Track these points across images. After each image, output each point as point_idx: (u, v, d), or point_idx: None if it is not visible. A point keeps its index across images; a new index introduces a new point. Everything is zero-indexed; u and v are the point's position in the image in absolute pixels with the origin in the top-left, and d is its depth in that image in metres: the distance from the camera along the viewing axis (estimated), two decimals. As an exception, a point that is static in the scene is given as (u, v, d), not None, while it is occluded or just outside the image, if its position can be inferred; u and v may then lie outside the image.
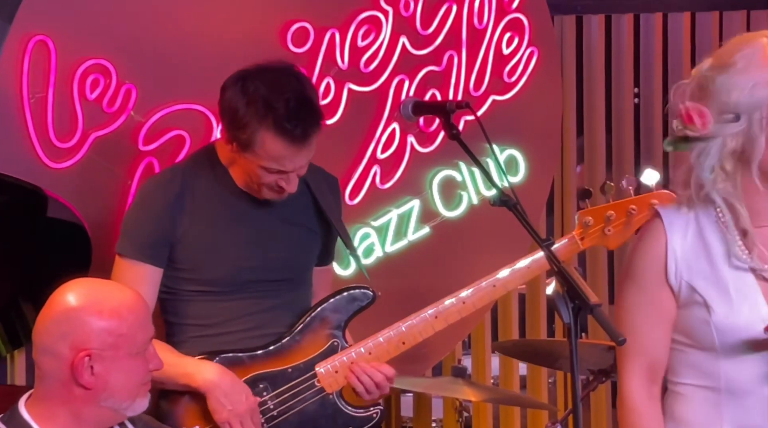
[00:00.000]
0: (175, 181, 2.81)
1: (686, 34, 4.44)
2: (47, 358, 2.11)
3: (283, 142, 2.68)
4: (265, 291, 2.82)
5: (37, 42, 3.08)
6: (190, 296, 2.80)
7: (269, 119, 2.67)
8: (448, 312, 2.86)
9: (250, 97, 2.69)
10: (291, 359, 2.79)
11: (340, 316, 2.83)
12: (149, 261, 2.76)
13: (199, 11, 3.35)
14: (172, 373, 2.66)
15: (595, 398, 4.31)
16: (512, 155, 3.93)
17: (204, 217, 2.80)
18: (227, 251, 2.80)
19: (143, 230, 2.78)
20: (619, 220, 2.87)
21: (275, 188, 2.75)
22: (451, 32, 3.78)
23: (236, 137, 2.72)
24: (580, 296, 2.07)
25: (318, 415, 2.78)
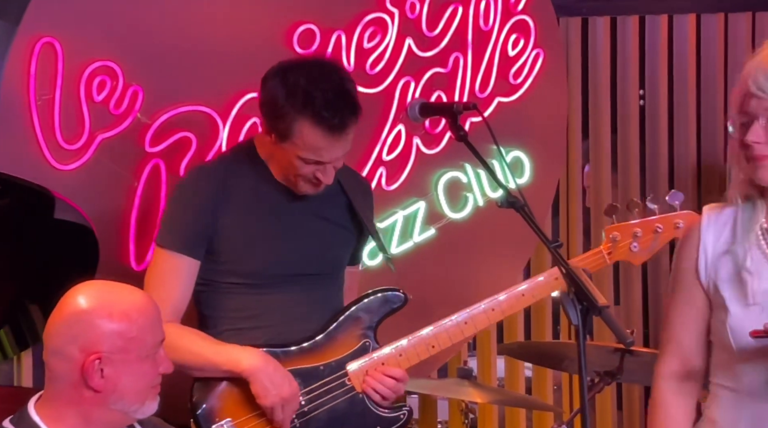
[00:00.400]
0: (216, 174, 2.85)
1: (691, 36, 4.44)
2: (57, 360, 2.12)
3: (321, 131, 2.71)
4: (300, 286, 2.85)
5: (44, 44, 3.09)
6: (227, 289, 2.83)
7: (308, 109, 2.70)
8: (479, 319, 2.91)
9: (290, 87, 2.73)
10: (323, 357, 2.82)
11: (372, 317, 2.87)
12: (188, 253, 2.79)
13: (206, 13, 3.36)
14: (215, 359, 2.72)
15: (601, 400, 4.31)
16: (518, 156, 3.93)
17: (243, 210, 2.83)
18: (265, 244, 2.84)
19: (183, 223, 2.81)
20: (646, 237, 2.94)
21: (312, 180, 2.78)
22: (457, 34, 3.79)
23: (275, 127, 2.76)
24: (588, 297, 2.08)
25: (347, 413, 2.81)
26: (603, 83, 4.33)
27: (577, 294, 2.09)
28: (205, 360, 2.73)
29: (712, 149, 4.47)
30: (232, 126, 3.37)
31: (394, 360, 2.83)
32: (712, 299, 2.26)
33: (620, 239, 2.97)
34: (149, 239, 3.28)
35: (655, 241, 2.97)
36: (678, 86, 4.45)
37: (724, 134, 4.48)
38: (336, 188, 2.89)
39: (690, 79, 4.44)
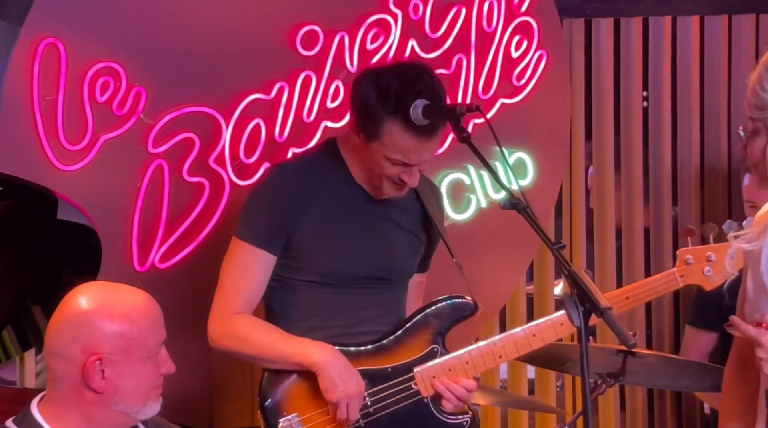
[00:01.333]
0: (299, 172, 2.89)
1: (695, 38, 4.43)
2: (59, 361, 2.12)
3: (411, 134, 2.75)
4: (370, 289, 2.88)
5: (48, 45, 3.10)
6: (299, 286, 2.86)
7: (398, 111, 2.75)
8: (547, 332, 2.95)
9: (383, 89, 2.78)
10: (392, 359, 2.85)
11: (442, 323, 2.90)
12: (266, 248, 2.83)
13: (209, 14, 3.36)
14: (286, 351, 2.78)
15: (604, 401, 4.30)
16: (521, 158, 3.93)
17: (322, 210, 2.86)
18: (341, 246, 2.87)
19: (264, 217, 2.85)
20: (720, 262, 2.95)
21: (397, 181, 2.82)
22: (460, 35, 3.78)
23: (365, 127, 2.80)
24: (591, 299, 2.08)
25: (411, 417, 2.83)
26: (606, 85, 4.32)
27: (580, 296, 2.09)
28: (276, 352, 2.78)
29: (715, 151, 4.46)
30: (235, 127, 3.37)
31: (461, 367, 2.86)
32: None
33: (694, 262, 2.98)
34: (152, 240, 3.29)
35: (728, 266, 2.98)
36: (681, 88, 4.44)
37: (727, 136, 4.48)
38: (411, 195, 2.93)
39: (693, 81, 4.43)
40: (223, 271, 2.87)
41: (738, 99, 4.48)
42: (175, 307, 2.96)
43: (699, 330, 4.00)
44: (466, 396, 2.85)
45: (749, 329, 2.17)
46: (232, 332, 2.81)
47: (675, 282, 3.00)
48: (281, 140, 3.44)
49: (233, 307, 2.82)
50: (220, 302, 2.84)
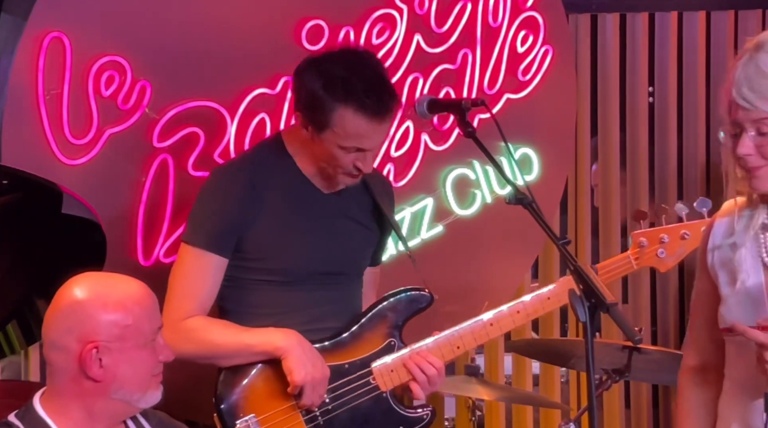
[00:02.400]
0: (245, 171, 2.84)
1: (701, 33, 4.42)
2: (56, 353, 2.12)
3: (364, 118, 2.71)
4: (324, 285, 2.85)
5: (53, 39, 3.09)
6: (252, 285, 2.83)
7: (348, 97, 2.70)
8: (504, 321, 2.91)
9: (327, 77, 2.73)
10: (348, 355, 2.82)
11: (398, 316, 2.86)
12: (216, 251, 2.78)
13: (214, 8, 3.35)
14: (249, 341, 2.73)
15: (608, 398, 4.30)
16: (526, 153, 3.92)
17: (272, 208, 2.82)
18: (292, 242, 2.83)
19: (212, 221, 2.80)
20: (673, 243, 2.94)
21: (352, 171, 2.78)
22: (466, 30, 3.78)
23: (314, 118, 2.75)
24: (596, 295, 2.07)
25: (371, 412, 2.81)
26: (612, 80, 4.31)
27: (585, 292, 2.09)
28: (237, 344, 2.74)
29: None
30: (240, 122, 3.37)
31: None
32: (716, 287, 2.29)
33: (648, 244, 2.97)
34: (157, 234, 3.29)
35: (682, 247, 2.97)
36: (687, 83, 4.44)
37: (733, 132, 4.47)
38: (361, 188, 2.90)
39: (699, 77, 4.42)
40: (172, 278, 2.81)
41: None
42: (180, 301, 2.96)
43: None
44: (435, 375, 2.80)
45: (757, 333, 2.11)
46: (186, 336, 2.73)
47: (629, 265, 2.97)
48: (286, 135, 3.43)
49: (184, 313, 2.76)
50: (170, 311, 2.74)
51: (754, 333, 2.12)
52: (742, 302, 2.22)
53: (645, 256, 2.97)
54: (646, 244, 2.97)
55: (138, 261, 3.26)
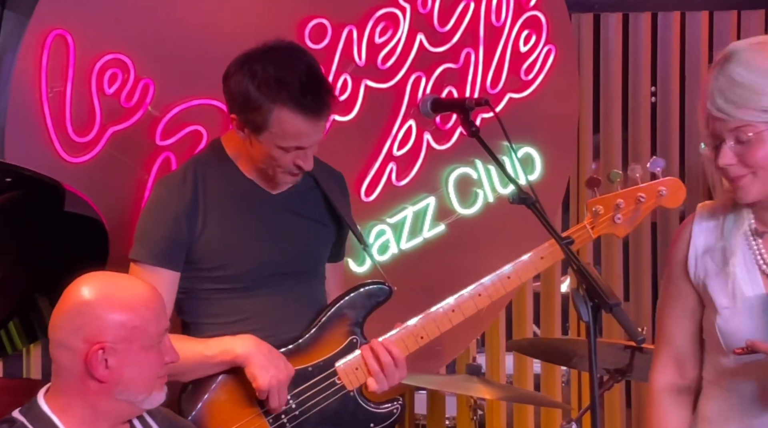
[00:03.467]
0: (186, 182, 2.77)
1: (704, 33, 4.43)
2: (62, 352, 2.12)
3: (301, 117, 2.64)
4: (281, 286, 2.80)
5: (56, 36, 3.09)
6: (207, 295, 2.78)
7: (284, 96, 2.63)
8: (465, 305, 2.85)
9: (260, 77, 2.65)
10: (311, 357, 2.78)
11: (357, 312, 2.82)
12: (166, 266, 2.73)
13: (218, 7, 3.35)
14: (206, 353, 2.67)
15: (610, 397, 4.30)
16: (528, 153, 3.92)
17: (217, 214, 2.77)
18: (243, 246, 2.78)
19: (158, 236, 2.74)
20: (629, 208, 2.89)
21: (292, 169, 2.72)
22: (469, 29, 3.78)
23: (249, 120, 2.68)
24: (600, 294, 2.07)
25: (339, 413, 2.76)
26: (614, 80, 4.31)
27: (588, 291, 2.08)
28: (195, 357, 2.66)
29: (723, 147, 4.45)
30: (242, 120, 3.36)
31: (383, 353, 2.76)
32: (702, 297, 2.26)
33: (603, 212, 2.89)
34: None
35: (637, 211, 2.90)
36: (690, 83, 4.44)
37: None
38: (310, 183, 2.83)
39: (702, 77, 4.42)
40: None
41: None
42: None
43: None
44: (390, 364, 2.73)
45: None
46: None
47: (587, 234, 2.89)
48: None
49: None
50: None
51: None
52: (743, 314, 2.18)
53: (601, 224, 2.88)
54: (602, 211, 2.89)
55: (140, 259, 3.25)
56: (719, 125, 2.12)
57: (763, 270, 2.19)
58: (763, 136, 2.11)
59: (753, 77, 2.09)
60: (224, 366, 2.70)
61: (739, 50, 2.14)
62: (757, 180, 2.14)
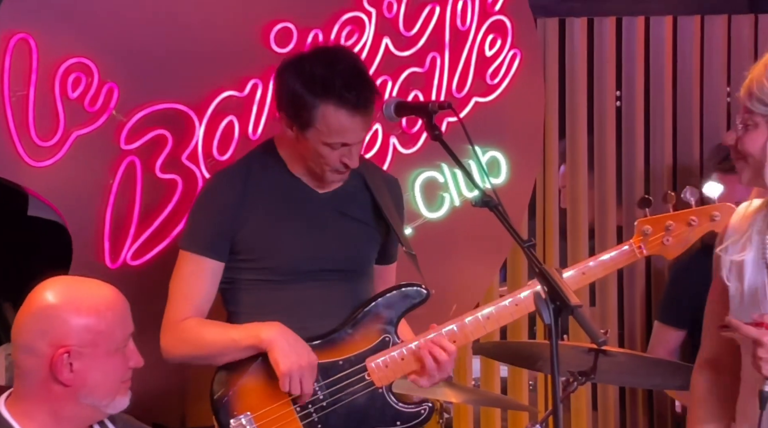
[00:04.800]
0: (236, 176, 2.89)
1: (668, 38, 4.45)
2: (26, 356, 2.11)
3: (345, 112, 2.76)
4: (322, 282, 2.87)
5: (19, 40, 3.08)
6: (249, 285, 2.86)
7: (329, 93, 2.75)
8: (501, 315, 2.90)
9: (307, 75, 2.78)
10: (343, 351, 2.83)
11: (392, 312, 2.88)
12: (210, 255, 2.84)
13: (182, 11, 3.35)
14: (234, 336, 2.77)
15: (575, 399, 4.32)
16: (494, 156, 3.94)
17: (264, 208, 2.86)
18: (285, 240, 2.86)
19: (205, 226, 2.85)
20: (679, 230, 2.89)
21: (339, 167, 2.82)
22: (434, 34, 3.79)
23: (297, 117, 2.80)
24: (561, 297, 2.08)
25: (367, 408, 2.81)
26: (580, 84, 4.33)
27: (550, 294, 2.10)
28: (225, 341, 2.78)
29: (687, 151, 4.48)
30: (208, 124, 3.36)
31: (415, 356, 2.82)
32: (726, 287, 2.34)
33: (652, 232, 2.90)
34: (124, 237, 3.28)
35: (689, 234, 2.90)
36: (654, 88, 4.46)
37: (699, 136, 4.50)
38: (359, 185, 2.93)
39: (666, 81, 4.45)
40: (171, 284, 2.87)
41: (711, 98, 4.51)
42: (147, 304, 2.94)
43: (667, 327, 4.01)
44: (446, 361, 2.80)
45: (750, 329, 2.17)
46: (181, 337, 2.81)
47: (634, 254, 2.91)
48: (254, 137, 3.43)
49: (181, 315, 2.82)
50: (168, 314, 2.84)
51: (747, 329, 2.17)
52: (744, 301, 2.27)
53: (650, 244, 2.89)
54: (651, 232, 2.90)
55: (105, 264, 3.24)
56: (742, 108, 2.26)
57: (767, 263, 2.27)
58: (759, 125, 2.22)
59: None
60: (251, 351, 2.78)
61: None
62: (747, 166, 2.24)
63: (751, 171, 2.25)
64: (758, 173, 2.24)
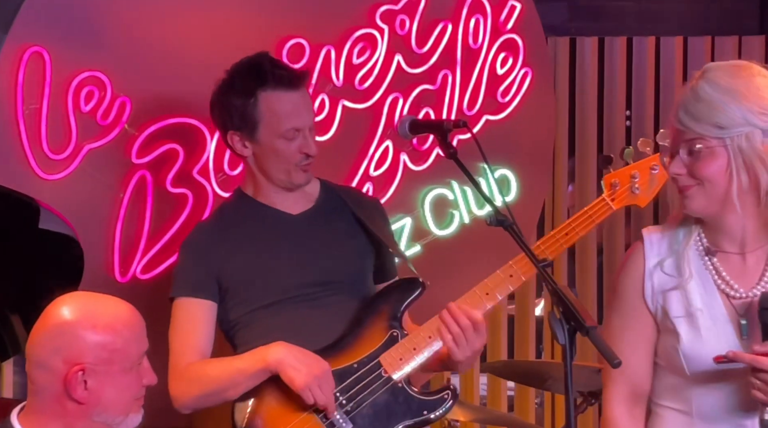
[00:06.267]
0: (213, 222, 2.93)
1: (678, 58, 4.46)
2: (41, 372, 2.10)
3: (284, 91, 2.81)
4: (314, 296, 2.86)
5: (33, 53, 3.08)
6: (247, 320, 2.86)
7: (262, 81, 2.81)
8: (499, 287, 2.85)
9: (236, 83, 2.84)
10: (354, 355, 2.81)
11: (394, 308, 2.86)
12: (201, 295, 2.84)
13: (196, 26, 3.35)
14: (241, 366, 2.75)
15: (583, 420, 4.30)
16: (504, 174, 3.93)
17: (242, 242, 2.88)
18: (270, 264, 2.86)
19: (191, 270, 2.87)
20: (644, 178, 2.92)
21: (301, 159, 2.83)
22: (446, 51, 3.79)
23: (244, 124, 2.83)
24: (576, 317, 2.07)
25: (391, 404, 2.79)
26: (590, 103, 4.34)
27: (565, 314, 2.09)
28: (232, 372, 2.75)
29: (697, 171, 4.48)
30: (219, 139, 3.35)
31: (425, 343, 2.80)
32: (660, 324, 2.27)
33: (620, 184, 2.94)
34: (134, 250, 3.27)
35: (653, 180, 2.95)
36: (664, 107, 4.47)
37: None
38: (338, 203, 2.93)
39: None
40: (169, 335, 2.85)
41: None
42: (156, 319, 2.93)
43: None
44: (469, 327, 2.73)
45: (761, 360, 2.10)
46: (188, 378, 2.79)
47: (607, 207, 2.92)
48: (265, 153, 3.42)
49: (184, 361, 2.81)
50: (172, 363, 2.82)
51: (757, 360, 2.10)
52: (706, 333, 2.20)
53: (620, 195, 2.91)
54: (619, 184, 2.94)
55: (114, 278, 3.24)
56: (677, 136, 2.22)
57: (722, 290, 2.22)
58: (714, 151, 2.18)
59: (715, 94, 2.18)
60: (262, 375, 2.75)
61: (710, 69, 2.24)
62: (702, 191, 2.20)
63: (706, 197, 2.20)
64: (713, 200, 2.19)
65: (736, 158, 2.17)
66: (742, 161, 2.17)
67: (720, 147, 2.17)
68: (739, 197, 2.19)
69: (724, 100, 2.17)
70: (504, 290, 2.85)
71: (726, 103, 2.17)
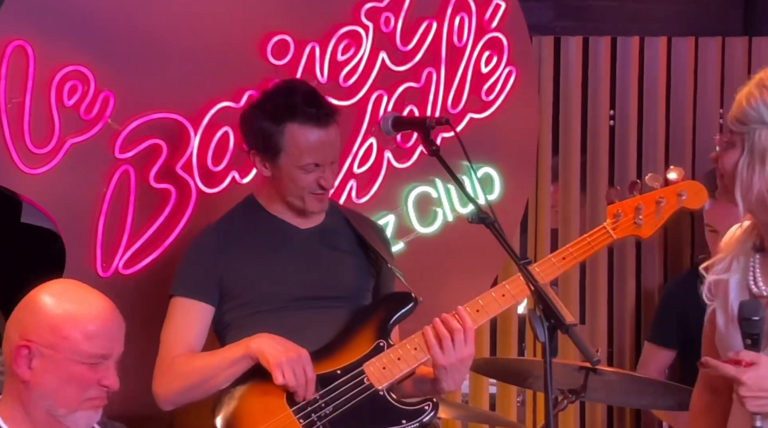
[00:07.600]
0: (222, 226, 2.97)
1: (662, 59, 4.48)
2: (5, 345, 2.07)
3: (309, 128, 2.84)
4: (311, 308, 2.90)
5: (16, 47, 3.08)
6: (242, 322, 2.89)
7: (292, 113, 2.84)
8: (490, 306, 2.90)
9: (268, 107, 2.88)
10: (339, 361, 2.85)
11: (383, 320, 2.90)
12: (199, 298, 2.88)
13: (180, 21, 3.35)
14: (225, 354, 2.80)
15: (564, 418, 4.32)
16: (488, 173, 3.94)
17: (248, 249, 2.92)
18: (272, 271, 2.91)
19: (193, 271, 2.91)
20: (649, 210, 2.93)
21: (316, 189, 2.88)
22: (431, 49, 3.80)
23: (267, 148, 2.87)
24: (556, 315, 2.08)
25: (370, 412, 2.82)
26: (574, 102, 4.35)
27: (545, 311, 2.10)
28: (217, 360, 2.80)
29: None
30: (203, 134, 3.36)
31: (410, 354, 2.84)
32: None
33: (623, 215, 2.96)
34: (117, 245, 3.27)
35: (658, 213, 2.96)
36: (648, 107, 4.48)
37: (692, 156, 4.52)
38: (342, 222, 3.00)
39: (660, 101, 4.47)
40: (162, 331, 2.89)
41: (703, 120, 4.53)
42: (137, 313, 2.95)
43: (657, 347, 4.03)
44: (458, 331, 2.80)
45: (727, 368, 2.14)
46: (173, 372, 2.82)
47: (608, 235, 2.96)
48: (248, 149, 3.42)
49: (172, 354, 2.85)
50: (160, 358, 2.87)
51: (724, 368, 2.13)
52: (729, 323, 2.25)
53: (622, 225, 2.94)
54: (622, 215, 2.96)
55: (97, 272, 3.24)
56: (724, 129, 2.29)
57: (750, 288, 2.25)
58: (734, 145, 2.21)
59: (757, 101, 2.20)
60: (243, 362, 2.79)
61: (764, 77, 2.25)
62: (722, 184, 2.25)
63: (724, 189, 2.25)
64: (727, 190, 2.24)
65: (747, 154, 2.20)
66: (751, 158, 2.20)
67: (738, 142, 2.21)
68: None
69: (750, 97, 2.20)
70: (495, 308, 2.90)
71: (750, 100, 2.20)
